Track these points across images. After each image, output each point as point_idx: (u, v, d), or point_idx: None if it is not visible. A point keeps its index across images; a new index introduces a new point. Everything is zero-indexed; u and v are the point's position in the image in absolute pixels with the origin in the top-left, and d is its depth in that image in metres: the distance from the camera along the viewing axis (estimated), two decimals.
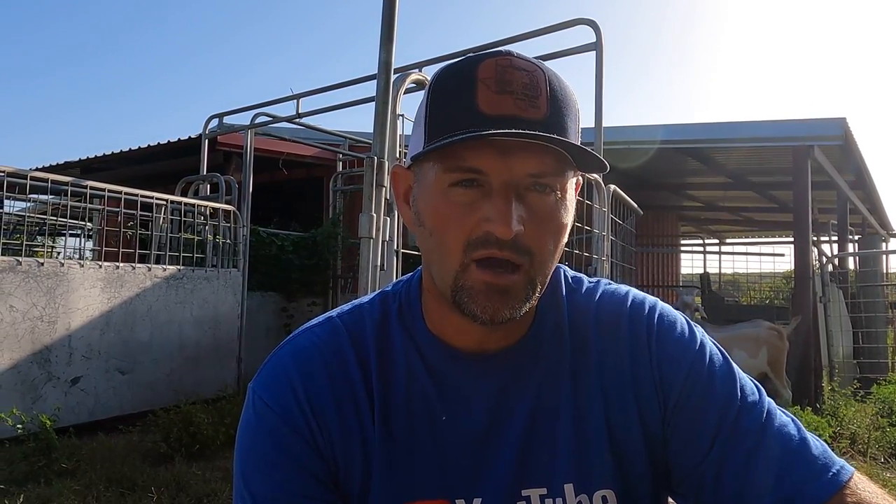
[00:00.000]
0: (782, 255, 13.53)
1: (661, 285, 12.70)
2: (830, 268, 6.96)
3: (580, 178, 0.76)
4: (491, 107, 0.64)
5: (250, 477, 0.72)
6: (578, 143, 0.67)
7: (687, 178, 9.62)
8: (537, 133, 0.63)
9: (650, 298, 0.83)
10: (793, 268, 6.75)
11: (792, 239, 6.85)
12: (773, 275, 14.00)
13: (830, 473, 0.69)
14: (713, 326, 5.85)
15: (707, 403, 0.74)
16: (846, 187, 7.68)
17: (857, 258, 7.88)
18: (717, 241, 16.47)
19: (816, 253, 6.71)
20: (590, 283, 0.85)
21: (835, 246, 8.29)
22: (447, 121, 0.66)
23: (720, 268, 15.20)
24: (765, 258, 13.79)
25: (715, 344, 0.81)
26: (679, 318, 0.81)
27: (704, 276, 11.49)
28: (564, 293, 0.83)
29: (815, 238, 6.81)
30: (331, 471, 0.73)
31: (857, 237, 8.55)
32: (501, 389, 0.76)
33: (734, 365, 0.78)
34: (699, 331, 0.81)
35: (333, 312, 0.83)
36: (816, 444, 0.72)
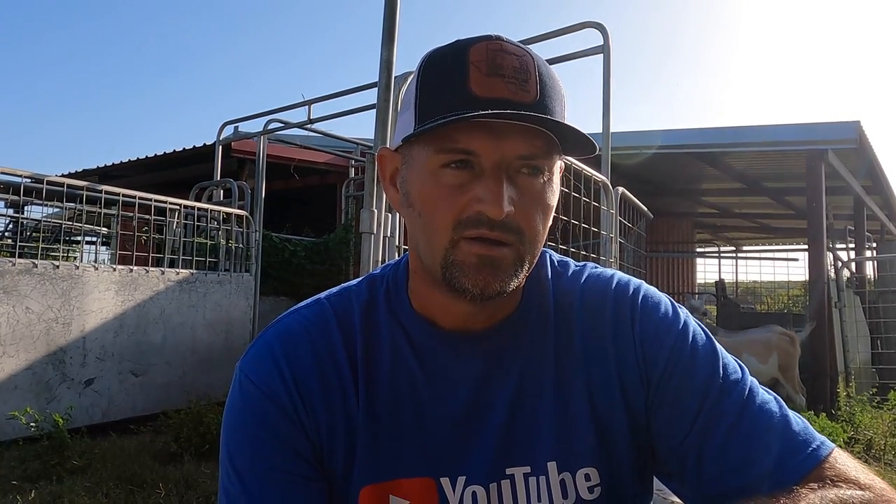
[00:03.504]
0: (796, 259, 13.39)
1: (676, 292, 12.61)
2: (847, 273, 6.87)
3: (563, 162, 0.77)
4: (482, 89, 0.65)
5: (235, 454, 0.73)
6: (570, 125, 0.67)
7: (701, 184, 9.58)
8: (531, 114, 0.64)
9: (635, 280, 0.83)
10: (807, 274, 6.67)
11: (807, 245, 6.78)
12: (790, 283, 13.85)
13: (810, 448, 0.69)
14: (725, 332, 5.78)
15: (689, 381, 0.74)
16: (862, 192, 7.59)
17: (876, 263, 7.76)
18: (733, 248, 16.33)
19: (832, 258, 6.62)
20: (576, 266, 0.85)
21: (852, 252, 8.18)
22: (438, 103, 0.66)
23: (736, 275, 15.08)
24: (781, 266, 13.65)
25: (699, 324, 0.81)
26: (664, 298, 0.82)
27: (719, 283, 11.40)
28: (550, 276, 0.83)
29: (829, 243, 6.73)
30: (315, 449, 0.74)
31: (874, 243, 8.43)
32: (485, 369, 0.77)
33: (717, 344, 0.78)
34: (683, 311, 0.81)
35: (322, 294, 0.84)
36: (797, 421, 0.72)
